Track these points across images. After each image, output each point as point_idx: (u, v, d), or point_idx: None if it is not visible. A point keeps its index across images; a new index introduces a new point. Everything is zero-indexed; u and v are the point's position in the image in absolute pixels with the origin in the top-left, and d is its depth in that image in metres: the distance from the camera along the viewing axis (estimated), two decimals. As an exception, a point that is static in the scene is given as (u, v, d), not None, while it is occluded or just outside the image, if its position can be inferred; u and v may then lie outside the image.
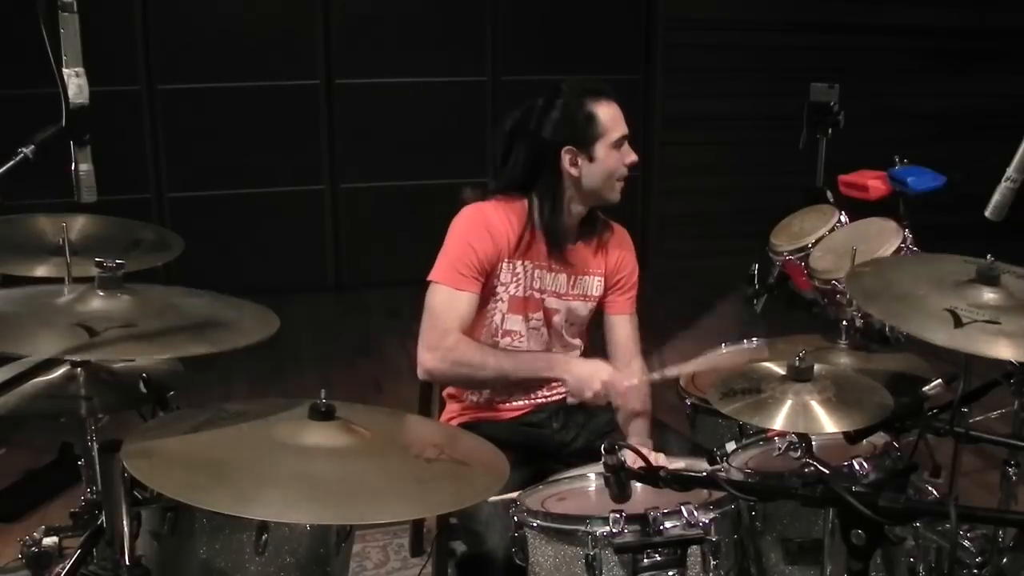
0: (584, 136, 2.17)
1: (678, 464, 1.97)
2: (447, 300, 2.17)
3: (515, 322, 2.26)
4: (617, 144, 2.19)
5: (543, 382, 2.33)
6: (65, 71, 1.55)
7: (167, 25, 5.28)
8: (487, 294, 2.23)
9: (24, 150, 1.55)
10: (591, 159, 2.18)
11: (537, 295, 2.27)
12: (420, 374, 2.20)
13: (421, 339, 2.17)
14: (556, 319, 2.31)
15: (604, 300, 2.36)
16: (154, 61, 5.30)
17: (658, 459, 2.01)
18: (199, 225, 5.26)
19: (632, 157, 2.22)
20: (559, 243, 2.23)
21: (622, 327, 2.35)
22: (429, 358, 2.15)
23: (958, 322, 1.73)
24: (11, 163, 1.53)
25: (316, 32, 5.51)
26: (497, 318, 2.26)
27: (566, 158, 2.18)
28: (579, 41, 5.76)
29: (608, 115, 2.18)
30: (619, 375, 2.13)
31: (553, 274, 2.28)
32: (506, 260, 2.22)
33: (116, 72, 5.13)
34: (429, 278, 2.20)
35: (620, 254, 2.37)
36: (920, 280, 1.90)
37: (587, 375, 2.10)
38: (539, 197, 2.22)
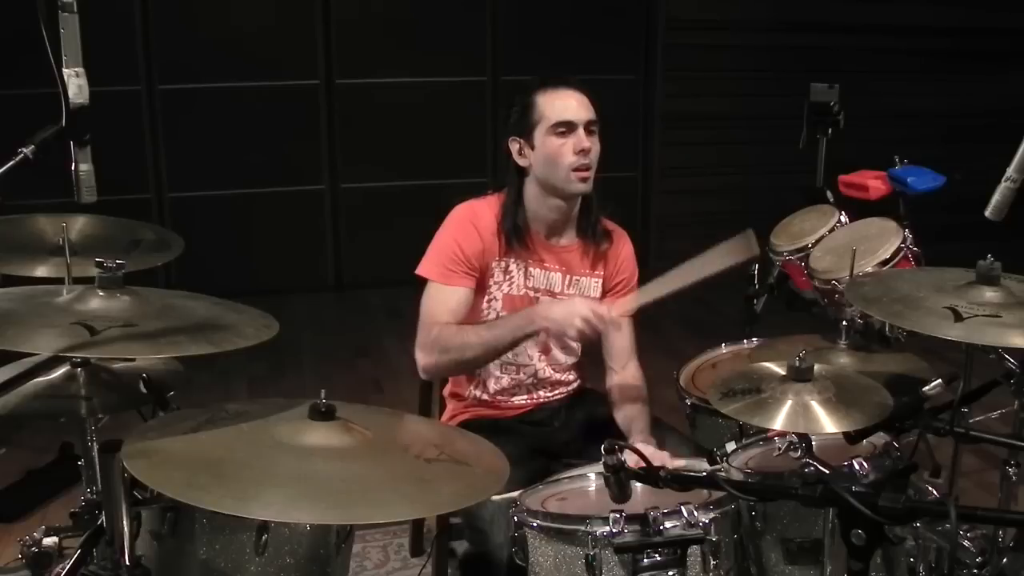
0: (523, 124, 2.19)
1: (678, 464, 1.97)
2: (435, 297, 2.19)
3: None
4: (556, 130, 2.16)
5: (542, 375, 2.34)
6: (65, 71, 1.55)
7: (167, 25, 5.27)
8: (482, 293, 2.23)
9: (24, 150, 1.55)
10: (532, 146, 2.19)
11: (532, 294, 2.26)
12: (420, 374, 2.25)
13: (416, 342, 2.19)
14: None
15: (603, 302, 2.35)
16: (154, 61, 5.30)
17: (664, 458, 2.01)
18: (199, 225, 5.26)
19: (583, 144, 2.15)
20: (521, 237, 2.23)
21: (620, 329, 2.35)
22: (421, 356, 2.19)
23: (958, 317, 1.73)
24: (11, 163, 1.53)
25: (316, 32, 5.51)
26: (492, 317, 2.26)
27: (513, 148, 2.22)
28: (579, 41, 5.75)
29: (550, 102, 2.18)
30: (598, 306, 2.09)
31: (546, 272, 2.27)
32: (497, 258, 2.23)
33: (116, 72, 5.12)
34: (417, 271, 2.22)
35: (620, 257, 2.37)
36: (920, 285, 1.90)
37: (565, 313, 2.05)
38: (507, 191, 2.25)
